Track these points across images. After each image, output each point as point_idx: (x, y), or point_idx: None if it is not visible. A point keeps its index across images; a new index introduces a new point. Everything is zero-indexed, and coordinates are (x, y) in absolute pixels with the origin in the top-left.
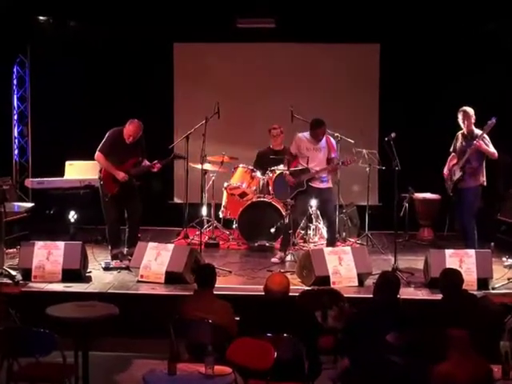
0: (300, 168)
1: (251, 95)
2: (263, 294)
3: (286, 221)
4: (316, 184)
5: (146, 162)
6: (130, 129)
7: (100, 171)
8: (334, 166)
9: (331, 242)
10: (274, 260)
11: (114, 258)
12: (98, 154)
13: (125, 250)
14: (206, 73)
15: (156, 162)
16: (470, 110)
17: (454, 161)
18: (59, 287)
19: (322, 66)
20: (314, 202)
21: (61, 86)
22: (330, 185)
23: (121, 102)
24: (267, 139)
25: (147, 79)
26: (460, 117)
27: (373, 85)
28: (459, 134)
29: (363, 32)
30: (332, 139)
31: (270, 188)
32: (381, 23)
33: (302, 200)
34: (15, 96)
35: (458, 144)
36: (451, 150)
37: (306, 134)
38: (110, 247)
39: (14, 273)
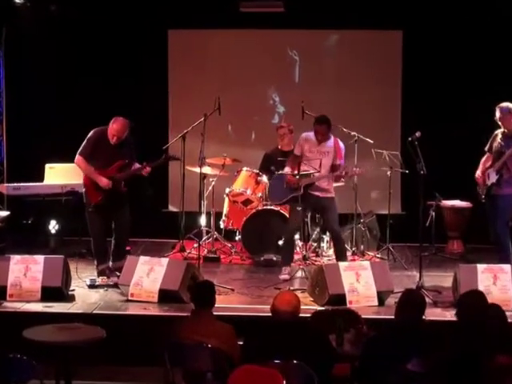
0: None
1: (256, 89)
2: (270, 314)
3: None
4: (315, 192)
5: (136, 165)
6: (114, 127)
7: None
8: (336, 174)
9: (339, 257)
10: (282, 277)
11: (100, 274)
12: (78, 157)
13: (110, 264)
14: (205, 63)
15: (145, 164)
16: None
17: (489, 162)
18: (38, 307)
19: (336, 56)
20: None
21: (41, 78)
22: (331, 194)
23: (108, 97)
24: (275, 139)
25: (138, 71)
26: (498, 114)
27: (395, 77)
28: (498, 132)
29: (383, 17)
30: (341, 144)
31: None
32: (403, 7)
33: (296, 210)
34: None
35: (496, 143)
36: (486, 149)
37: (312, 134)
38: (95, 262)
39: None
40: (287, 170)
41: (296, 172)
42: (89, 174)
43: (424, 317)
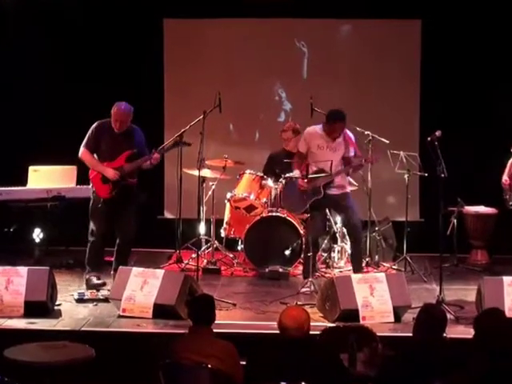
0: (315, 171)
1: (261, 84)
2: (275, 332)
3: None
4: (332, 191)
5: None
6: (116, 111)
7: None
8: (356, 164)
9: (357, 264)
10: (304, 290)
11: (89, 286)
12: (82, 150)
13: (111, 273)
14: (204, 56)
15: (154, 150)
16: None
17: None
18: (21, 324)
19: (349, 48)
20: (337, 218)
21: (23, 72)
22: (346, 189)
23: (97, 93)
24: (281, 138)
25: (130, 64)
26: None
27: (413, 71)
28: None
29: (400, 5)
30: (349, 133)
31: (280, 198)
32: None
33: (318, 212)
34: None
35: None
36: None
37: (319, 128)
38: (86, 269)
39: None
40: (296, 172)
41: (305, 173)
42: (94, 167)
43: (445, 334)
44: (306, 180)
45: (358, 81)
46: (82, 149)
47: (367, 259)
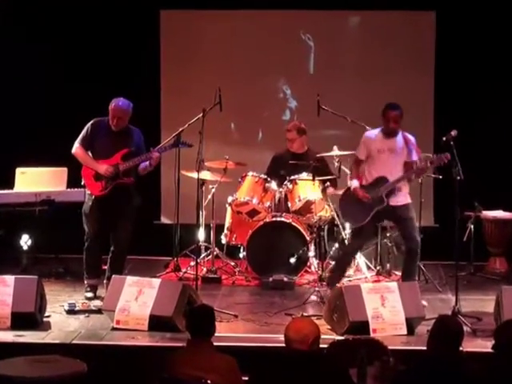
0: (376, 178)
1: (264, 80)
2: (280, 345)
3: (312, 249)
4: (394, 201)
5: (145, 163)
6: (113, 107)
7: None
8: (420, 167)
9: (409, 276)
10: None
11: (90, 289)
12: (76, 146)
13: (104, 282)
14: (204, 50)
15: (152, 149)
16: None
17: None
18: (8, 336)
19: (358, 42)
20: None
21: (7, 67)
22: (407, 200)
23: (89, 90)
24: (285, 139)
25: (125, 59)
26: None
27: (427, 66)
28: None
29: None
30: (410, 136)
31: (337, 209)
32: None
33: (373, 224)
34: None
35: None
36: None
37: (377, 132)
38: (84, 275)
39: None
40: (354, 183)
41: (366, 183)
42: (86, 163)
43: (461, 348)
44: (366, 190)
45: (367, 76)
46: (75, 145)
47: (378, 267)
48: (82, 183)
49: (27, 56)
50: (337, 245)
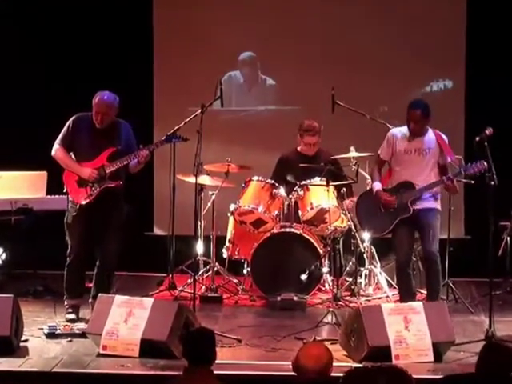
0: (401, 182)
1: (270, 70)
2: (290, 374)
3: (325, 264)
4: (417, 205)
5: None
6: (98, 103)
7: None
8: (451, 178)
9: (432, 296)
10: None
11: (72, 310)
12: (56, 147)
13: (89, 301)
14: (202, 36)
15: (142, 147)
16: None
17: None
18: None
19: (374, 27)
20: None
21: None
22: (436, 204)
23: (72, 84)
24: (295, 139)
25: (112, 47)
26: None
27: (456, 53)
28: None
29: None
30: (444, 135)
31: (353, 216)
32: None
33: (405, 229)
34: None
35: None
36: None
37: (404, 129)
38: (65, 295)
39: None
40: (376, 185)
41: (390, 187)
42: (68, 167)
43: None
44: (391, 195)
45: (386, 67)
46: (55, 146)
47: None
48: (64, 190)
49: (4, 50)
50: (354, 259)
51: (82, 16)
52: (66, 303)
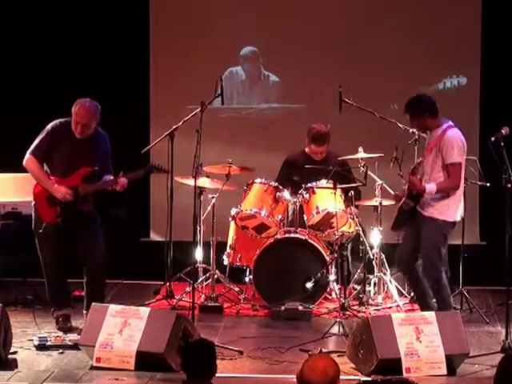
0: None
1: (274, 65)
2: None
3: (332, 271)
4: (420, 208)
5: (108, 177)
6: (78, 112)
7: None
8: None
9: (439, 305)
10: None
11: (62, 319)
12: (27, 157)
13: (83, 314)
14: (202, 29)
15: (121, 174)
16: None
17: None
18: None
19: (384, 23)
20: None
21: None
22: (433, 213)
23: (62, 81)
24: (301, 138)
25: (106, 41)
26: None
27: (471, 49)
28: None
29: None
30: (451, 133)
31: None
32: None
33: (411, 231)
34: None
35: None
36: None
37: None
38: (52, 308)
39: None
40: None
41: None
42: (40, 181)
43: None
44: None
45: (398, 65)
46: (28, 155)
47: (412, 294)
48: (33, 204)
49: None
50: (362, 266)
51: (78, 12)
52: (54, 315)
